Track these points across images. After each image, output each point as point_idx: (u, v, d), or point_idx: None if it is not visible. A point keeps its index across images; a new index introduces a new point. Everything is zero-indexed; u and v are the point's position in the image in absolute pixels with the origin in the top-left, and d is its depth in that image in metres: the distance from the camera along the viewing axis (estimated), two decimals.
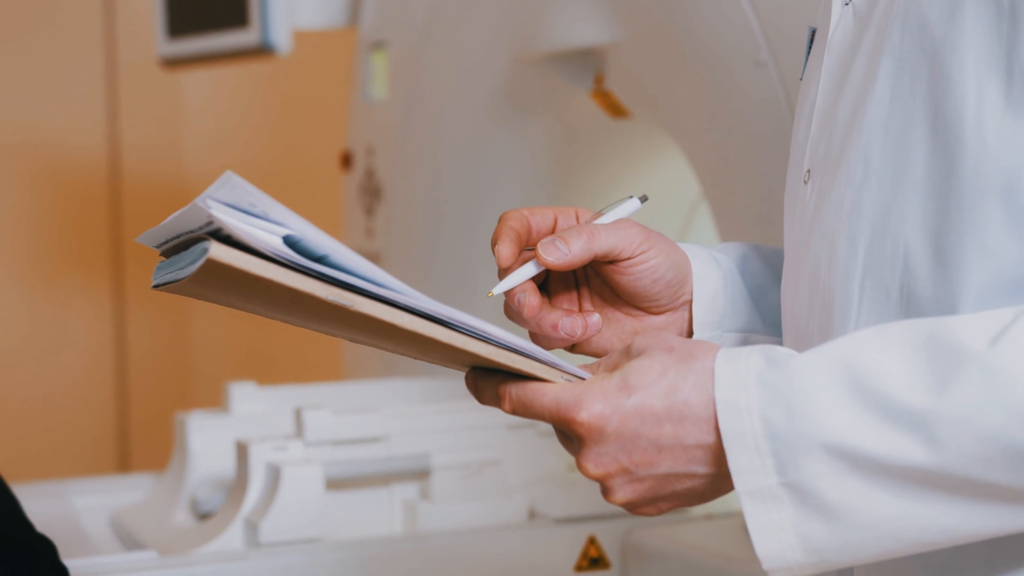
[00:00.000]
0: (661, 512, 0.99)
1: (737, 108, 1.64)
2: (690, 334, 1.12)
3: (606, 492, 0.97)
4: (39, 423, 3.37)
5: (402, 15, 2.25)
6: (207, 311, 3.55)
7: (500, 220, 1.08)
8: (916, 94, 0.97)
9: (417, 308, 0.93)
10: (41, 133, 3.37)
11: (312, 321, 0.97)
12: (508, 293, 1.08)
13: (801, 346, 1.02)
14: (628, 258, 1.08)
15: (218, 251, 0.87)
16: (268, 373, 3.35)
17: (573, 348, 1.12)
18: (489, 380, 1.00)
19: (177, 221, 0.90)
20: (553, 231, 1.10)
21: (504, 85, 2.06)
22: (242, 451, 1.67)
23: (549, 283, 1.12)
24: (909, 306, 0.98)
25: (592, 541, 1.68)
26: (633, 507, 0.98)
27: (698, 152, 1.74)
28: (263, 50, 2.35)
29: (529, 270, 1.06)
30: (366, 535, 1.70)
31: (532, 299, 1.07)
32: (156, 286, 0.95)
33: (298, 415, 1.71)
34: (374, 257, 2.28)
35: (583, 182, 2.10)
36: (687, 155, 1.77)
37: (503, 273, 1.07)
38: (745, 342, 1.15)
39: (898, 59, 0.98)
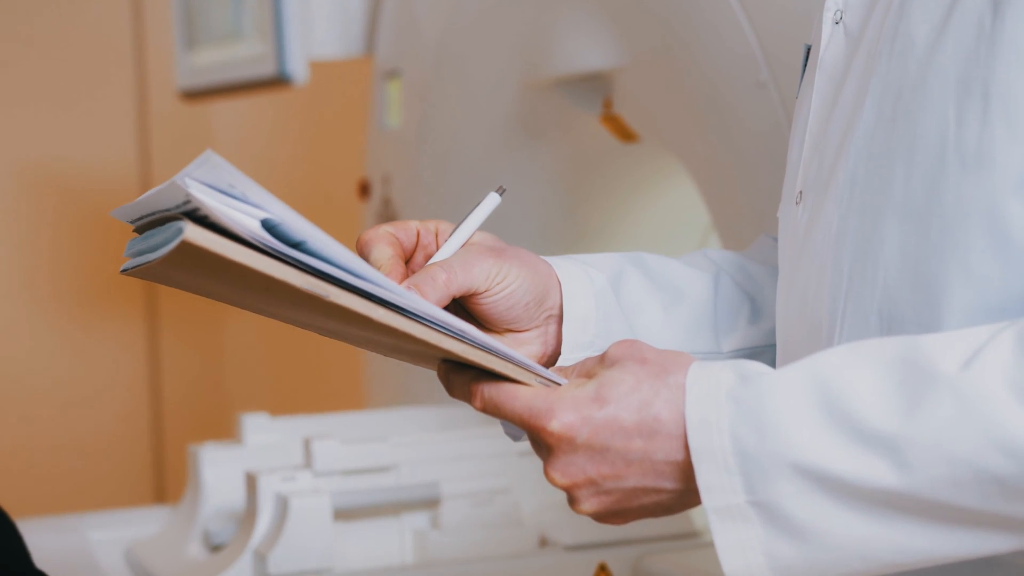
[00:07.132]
0: (626, 522, 0.98)
1: (739, 129, 1.63)
2: (558, 350, 1.11)
3: (572, 501, 0.97)
4: (75, 457, 3.39)
5: (415, 43, 2.26)
6: (241, 339, 3.57)
7: (370, 243, 1.07)
8: (898, 116, 0.97)
9: (393, 302, 0.91)
10: (73, 165, 3.40)
11: (283, 309, 0.95)
12: None
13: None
14: (484, 291, 1.07)
15: (193, 233, 0.83)
16: (303, 401, 3.35)
17: None
18: (462, 375, 0.99)
19: (154, 198, 0.87)
20: (416, 247, 1.09)
21: (514, 111, 2.06)
22: (251, 482, 1.67)
23: None
24: (890, 331, 0.97)
25: (603, 568, 1.67)
26: (598, 517, 0.98)
27: (703, 174, 1.74)
28: (280, 81, 2.35)
29: None
30: (376, 565, 1.70)
31: None
32: (124, 271, 0.92)
33: (307, 445, 1.71)
34: None
35: (595, 206, 2.10)
36: (693, 177, 1.76)
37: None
38: None
39: (885, 81, 0.98)
